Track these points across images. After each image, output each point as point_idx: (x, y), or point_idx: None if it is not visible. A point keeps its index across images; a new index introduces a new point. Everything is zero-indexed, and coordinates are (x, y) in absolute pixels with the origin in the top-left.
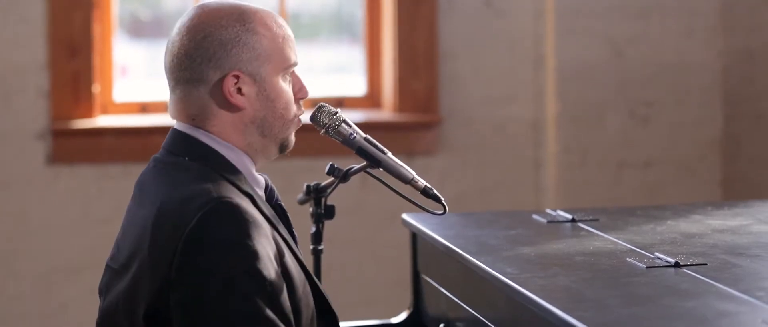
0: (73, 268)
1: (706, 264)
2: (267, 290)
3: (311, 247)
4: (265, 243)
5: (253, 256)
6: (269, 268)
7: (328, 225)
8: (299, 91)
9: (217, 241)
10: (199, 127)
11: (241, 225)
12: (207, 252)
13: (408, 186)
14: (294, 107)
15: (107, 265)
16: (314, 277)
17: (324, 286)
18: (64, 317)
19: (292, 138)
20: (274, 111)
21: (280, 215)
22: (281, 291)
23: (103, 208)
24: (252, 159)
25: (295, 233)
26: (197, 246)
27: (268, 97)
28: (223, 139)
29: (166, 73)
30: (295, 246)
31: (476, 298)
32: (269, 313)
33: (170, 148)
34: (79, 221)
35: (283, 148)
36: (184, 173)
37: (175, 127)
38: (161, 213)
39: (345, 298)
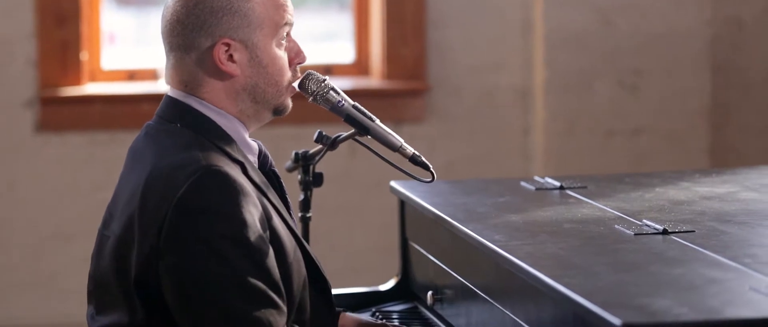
0: (62, 235)
1: (694, 231)
2: (255, 258)
3: (299, 214)
4: (254, 211)
5: (242, 223)
6: (257, 236)
7: (316, 192)
8: (296, 56)
9: (205, 208)
10: (192, 94)
11: (230, 193)
12: (195, 219)
13: (396, 153)
14: (288, 73)
15: (99, 232)
16: (306, 244)
17: (315, 254)
18: (54, 285)
19: (288, 102)
20: (267, 78)
21: (273, 181)
22: (270, 258)
23: (91, 175)
24: (244, 125)
25: (289, 200)
26: (185, 213)
27: (261, 63)
28: (216, 105)
29: (161, 38)
30: (287, 213)
31: (464, 266)
32: (257, 280)
33: (163, 114)
34: (67, 189)
35: (277, 112)
36: (175, 139)
37: (169, 93)
38: (151, 179)
39: (333, 265)
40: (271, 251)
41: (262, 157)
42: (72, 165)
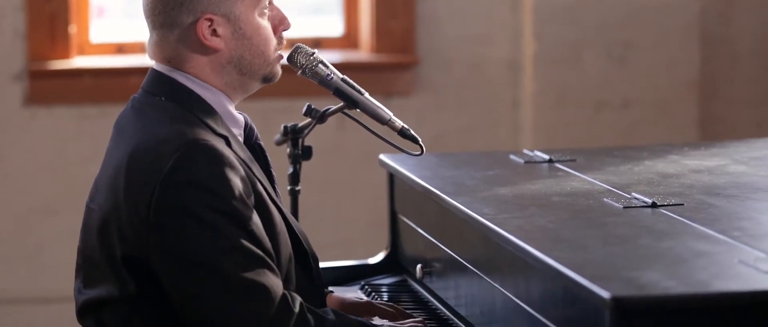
0: (50, 209)
1: (682, 204)
2: (246, 227)
3: (288, 187)
4: (240, 183)
5: (230, 195)
6: (246, 207)
7: (305, 165)
8: (280, 23)
9: (192, 182)
10: (177, 69)
11: (217, 165)
12: (183, 193)
13: (385, 126)
14: (274, 41)
15: (86, 205)
16: (291, 218)
17: (300, 228)
18: (41, 258)
19: (278, 70)
20: (252, 49)
21: (258, 155)
22: (259, 228)
23: (80, 149)
24: (230, 97)
25: (274, 174)
26: (173, 188)
27: (245, 35)
28: (201, 79)
29: (144, 16)
30: (272, 187)
31: (453, 239)
32: (252, 246)
33: (148, 88)
34: (56, 162)
35: (267, 80)
36: (159, 113)
37: (154, 67)
38: (136, 154)
39: (322, 238)
40: (259, 221)
41: (248, 131)
42: (60, 138)
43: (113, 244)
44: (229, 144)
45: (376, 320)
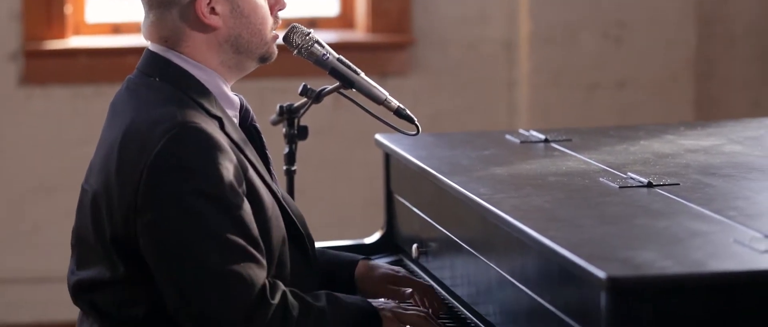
0: (46, 188)
1: (678, 184)
2: (232, 213)
3: (284, 167)
4: (230, 166)
5: (218, 179)
6: (234, 192)
7: (301, 145)
8: (276, 3)
9: (181, 165)
10: (172, 49)
11: (206, 149)
12: (171, 176)
13: (381, 106)
14: (270, 20)
15: (82, 186)
16: (284, 200)
17: (296, 208)
18: (36, 238)
19: (274, 49)
20: (250, 27)
21: (254, 137)
22: (247, 214)
23: (76, 129)
24: (225, 78)
25: (269, 156)
26: (162, 170)
27: (243, 13)
28: (196, 59)
29: None
30: (266, 169)
31: (449, 219)
32: (235, 236)
33: (143, 68)
34: (52, 142)
35: (263, 60)
36: (153, 94)
37: (149, 47)
38: (127, 135)
39: (318, 218)
40: (248, 207)
41: (244, 112)
42: (56, 118)
43: (104, 225)
44: (222, 126)
45: (380, 301)
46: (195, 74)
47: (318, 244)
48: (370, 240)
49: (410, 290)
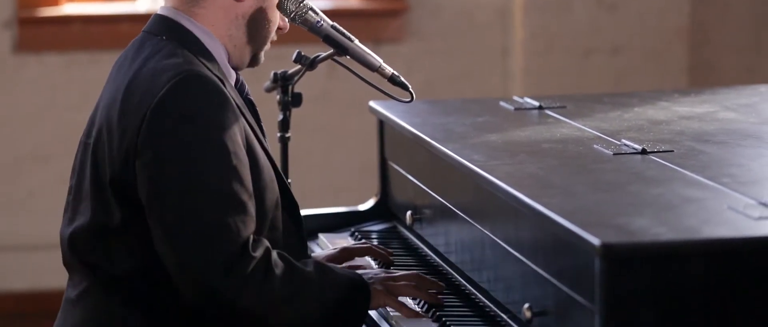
0: (40, 155)
1: (672, 151)
2: (230, 163)
3: (278, 134)
4: (232, 118)
5: (220, 128)
6: (234, 143)
7: (295, 113)
8: (282, 26)
9: (184, 110)
10: (184, 13)
11: (211, 97)
12: (173, 120)
13: (375, 73)
14: (272, 34)
15: (81, 141)
16: (278, 167)
17: (289, 178)
18: (31, 204)
19: (262, 56)
20: (265, 22)
21: (250, 109)
22: (244, 167)
23: (70, 96)
24: (229, 53)
25: (264, 129)
26: (164, 113)
27: (268, 5)
28: (207, 26)
29: None
30: (263, 138)
31: (443, 185)
32: (229, 185)
33: (149, 29)
34: (46, 109)
35: (254, 60)
36: (159, 49)
37: (158, 11)
38: (132, 83)
39: (312, 185)
40: (246, 159)
41: (239, 85)
42: (50, 85)
43: (103, 169)
44: (223, 85)
45: (370, 272)
46: (202, 39)
47: (312, 211)
48: (364, 207)
49: (366, 247)
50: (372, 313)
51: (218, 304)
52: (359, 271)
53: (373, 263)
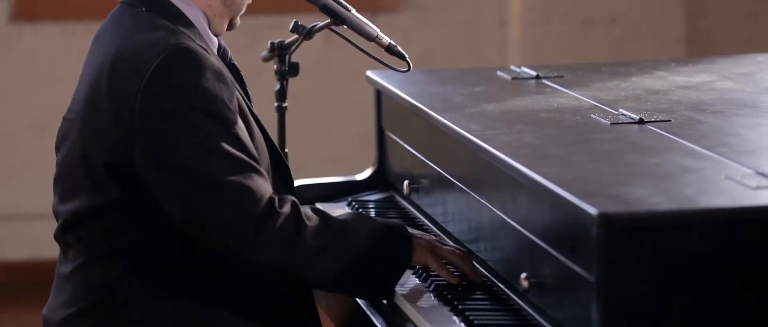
0: (36, 125)
1: (670, 120)
2: (230, 129)
3: (275, 104)
4: (225, 88)
5: (214, 97)
6: (230, 110)
7: (292, 82)
8: None
9: (177, 85)
10: None
11: (201, 68)
12: (168, 95)
13: (372, 43)
14: None
15: (64, 118)
16: (267, 132)
17: (286, 147)
18: (28, 174)
19: (238, 20)
20: None
21: (234, 74)
22: (243, 132)
23: (67, 65)
24: (209, 20)
25: (250, 94)
26: (158, 90)
27: None
28: None
29: None
30: (250, 103)
31: (440, 155)
32: (235, 149)
33: (127, 1)
34: (42, 79)
35: (230, 26)
36: (139, 22)
37: None
38: (117, 59)
39: (309, 155)
40: (243, 125)
41: (222, 52)
42: (47, 55)
43: (94, 152)
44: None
45: (420, 232)
46: (181, 8)
47: (309, 181)
48: (361, 176)
49: None
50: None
51: (254, 265)
52: (411, 231)
53: None
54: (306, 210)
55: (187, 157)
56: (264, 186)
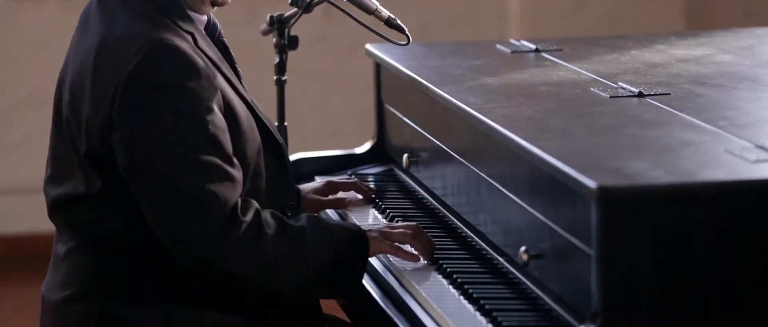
0: (36, 99)
1: (669, 93)
2: (207, 131)
3: (275, 77)
4: (204, 84)
5: (193, 97)
6: (208, 110)
7: (291, 56)
8: None
9: (156, 82)
10: None
11: (181, 67)
12: (146, 93)
13: (371, 16)
14: None
15: (55, 98)
16: (257, 110)
17: (268, 117)
18: (28, 148)
19: None
20: None
21: (223, 52)
22: (222, 131)
23: (66, 40)
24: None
25: (239, 69)
26: (136, 87)
27: None
28: None
29: None
30: (239, 82)
31: (440, 128)
32: (209, 155)
33: None
34: (42, 54)
35: (214, 2)
36: (124, 8)
37: None
38: (100, 51)
39: (308, 128)
40: (223, 124)
41: (211, 27)
42: (46, 29)
43: (78, 141)
44: (195, 42)
45: (367, 224)
46: None
47: (308, 154)
48: (360, 150)
49: (351, 182)
50: (377, 265)
51: (214, 273)
52: (362, 226)
53: (359, 197)
54: (266, 216)
55: (156, 159)
56: (231, 193)
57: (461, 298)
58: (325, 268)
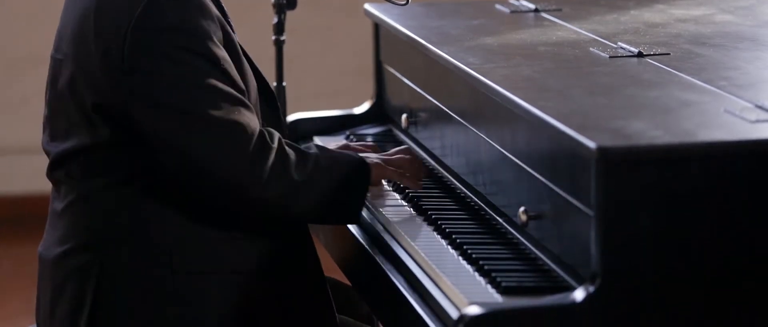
0: (34, 59)
1: (669, 53)
2: (221, 67)
3: (273, 37)
4: (212, 23)
5: (203, 35)
6: (218, 48)
7: (290, 15)
8: None
9: (164, 25)
10: None
11: (188, 7)
12: (156, 37)
13: None
14: None
15: (52, 57)
16: (249, 57)
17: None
18: (26, 109)
19: None
20: None
21: (217, 8)
22: (232, 69)
23: None
24: None
25: (231, 22)
26: (145, 32)
27: None
28: None
29: None
30: (233, 31)
31: (438, 88)
32: (225, 85)
33: None
34: (40, 13)
35: None
36: None
37: None
38: (103, 1)
39: (307, 88)
40: (231, 61)
41: None
42: None
43: (83, 93)
44: None
45: (367, 154)
46: None
47: (307, 114)
48: (359, 110)
49: (371, 145)
50: (379, 228)
51: (249, 201)
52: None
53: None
54: (285, 144)
55: (178, 97)
56: (253, 120)
57: (460, 258)
58: (333, 194)
